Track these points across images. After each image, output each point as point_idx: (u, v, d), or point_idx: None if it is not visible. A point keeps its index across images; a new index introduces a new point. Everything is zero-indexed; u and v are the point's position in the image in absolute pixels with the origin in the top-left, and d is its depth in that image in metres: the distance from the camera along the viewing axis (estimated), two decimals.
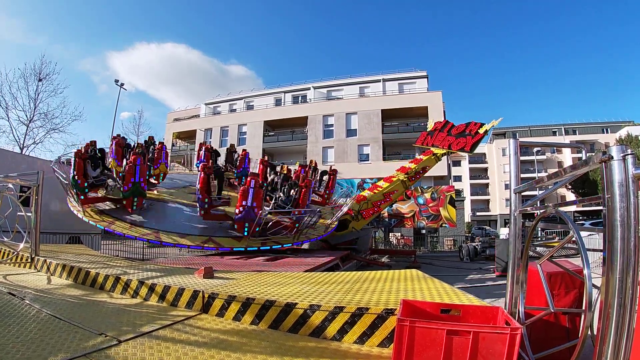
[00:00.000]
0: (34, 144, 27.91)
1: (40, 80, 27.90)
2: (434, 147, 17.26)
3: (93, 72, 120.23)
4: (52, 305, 3.95)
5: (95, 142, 11.63)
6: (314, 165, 16.84)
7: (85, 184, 10.18)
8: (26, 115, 27.18)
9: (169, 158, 11.45)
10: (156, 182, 13.28)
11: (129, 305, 4.22)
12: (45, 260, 6.16)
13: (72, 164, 10.07)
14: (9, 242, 7.08)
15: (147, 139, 15.01)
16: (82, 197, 10.24)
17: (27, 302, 4.05)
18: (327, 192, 16.79)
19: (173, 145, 43.67)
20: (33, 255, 6.49)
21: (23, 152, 25.09)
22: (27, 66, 39.74)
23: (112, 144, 12.53)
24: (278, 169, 14.67)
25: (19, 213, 6.70)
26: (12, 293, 4.41)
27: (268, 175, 14.36)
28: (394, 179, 17.26)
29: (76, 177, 9.95)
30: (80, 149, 10.53)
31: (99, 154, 11.20)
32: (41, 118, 28.08)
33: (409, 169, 17.39)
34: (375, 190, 17.22)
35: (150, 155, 13.14)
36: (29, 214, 6.66)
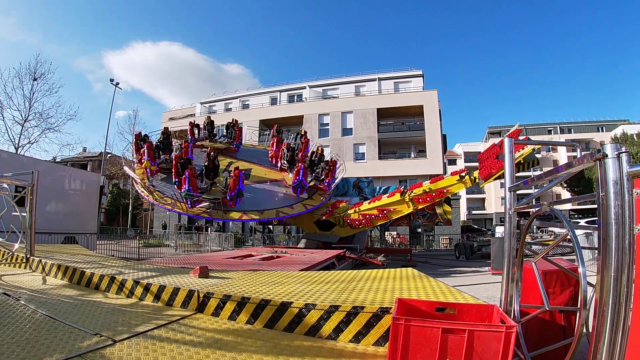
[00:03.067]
0: (29, 144, 27.78)
1: (35, 79, 27.75)
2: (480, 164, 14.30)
3: (88, 70, 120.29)
4: (47, 306, 3.92)
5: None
6: (320, 152, 18.07)
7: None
8: (21, 115, 27.06)
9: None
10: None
11: (124, 305, 4.20)
12: (40, 260, 6.13)
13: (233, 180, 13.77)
14: (4, 242, 7.04)
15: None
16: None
17: (22, 302, 4.02)
18: (328, 181, 17.52)
19: None
20: (28, 256, 6.44)
21: (18, 152, 24.95)
22: (22, 65, 39.62)
23: (143, 146, 15.12)
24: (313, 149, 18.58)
25: (13, 213, 6.66)
26: (7, 293, 4.38)
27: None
28: (396, 194, 15.99)
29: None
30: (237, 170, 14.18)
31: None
32: (36, 118, 27.96)
33: (415, 187, 15.75)
34: (371, 202, 16.50)
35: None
36: (24, 214, 6.62)
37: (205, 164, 14.53)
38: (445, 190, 15.33)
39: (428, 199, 15.47)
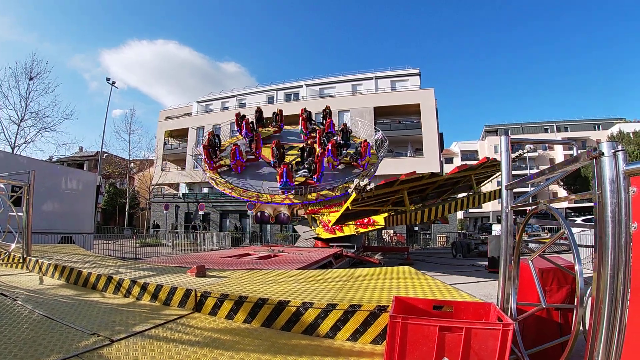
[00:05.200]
0: (25, 144, 27.66)
1: (31, 79, 27.67)
2: None
3: (84, 69, 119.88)
4: (45, 306, 3.91)
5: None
6: (344, 128, 20.50)
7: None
8: (17, 115, 26.96)
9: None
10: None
11: (122, 304, 4.19)
12: (37, 260, 6.10)
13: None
14: (1, 242, 7.01)
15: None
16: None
17: (20, 302, 4.01)
18: (362, 159, 18.95)
19: (165, 143, 43.48)
20: (25, 256, 6.42)
21: (14, 152, 24.85)
22: (18, 65, 39.40)
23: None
24: None
25: (10, 213, 6.63)
26: (4, 294, 4.36)
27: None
28: (343, 205, 14.46)
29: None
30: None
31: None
32: (32, 117, 27.88)
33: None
34: (333, 212, 15.62)
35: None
36: (21, 214, 6.59)
37: (277, 157, 16.93)
38: (372, 221, 14.38)
39: (358, 222, 14.91)
